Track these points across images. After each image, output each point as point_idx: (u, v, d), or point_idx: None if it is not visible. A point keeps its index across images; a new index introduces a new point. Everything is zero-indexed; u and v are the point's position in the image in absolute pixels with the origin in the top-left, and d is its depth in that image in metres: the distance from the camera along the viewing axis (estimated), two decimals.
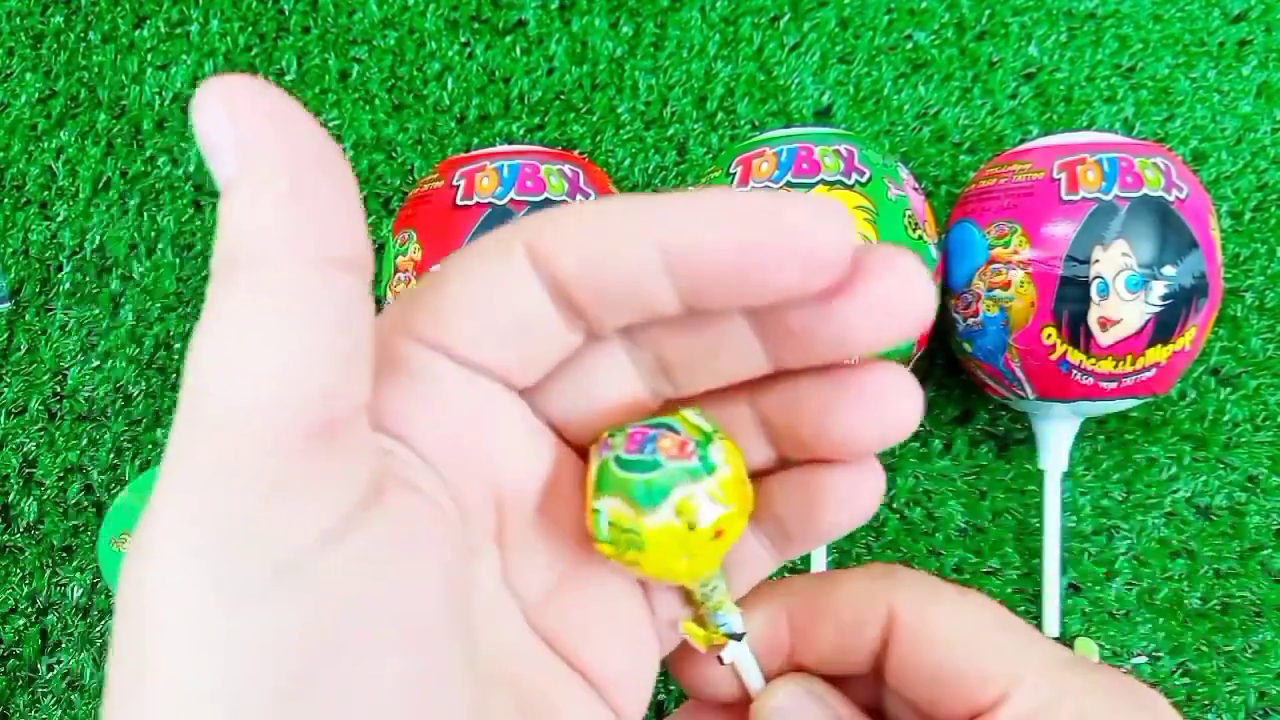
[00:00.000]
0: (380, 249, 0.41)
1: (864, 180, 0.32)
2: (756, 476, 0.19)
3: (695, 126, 0.42)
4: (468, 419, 0.16)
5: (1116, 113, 0.42)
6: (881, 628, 0.19)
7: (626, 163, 0.42)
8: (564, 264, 0.15)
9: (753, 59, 0.43)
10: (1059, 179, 0.32)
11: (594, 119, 0.42)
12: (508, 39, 0.43)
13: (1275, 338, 0.39)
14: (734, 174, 0.33)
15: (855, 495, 0.18)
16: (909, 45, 0.43)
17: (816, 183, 0.31)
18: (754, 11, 0.43)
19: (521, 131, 0.42)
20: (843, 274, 0.15)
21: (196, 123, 0.13)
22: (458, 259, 0.16)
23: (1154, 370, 0.32)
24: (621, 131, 0.42)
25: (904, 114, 0.42)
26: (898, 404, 0.16)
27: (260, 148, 0.13)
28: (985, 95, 0.42)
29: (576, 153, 0.42)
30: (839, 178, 0.32)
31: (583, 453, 0.18)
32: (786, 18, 0.43)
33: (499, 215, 0.31)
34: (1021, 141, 0.37)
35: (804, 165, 0.32)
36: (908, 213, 0.32)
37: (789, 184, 0.31)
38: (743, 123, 0.42)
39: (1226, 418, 0.38)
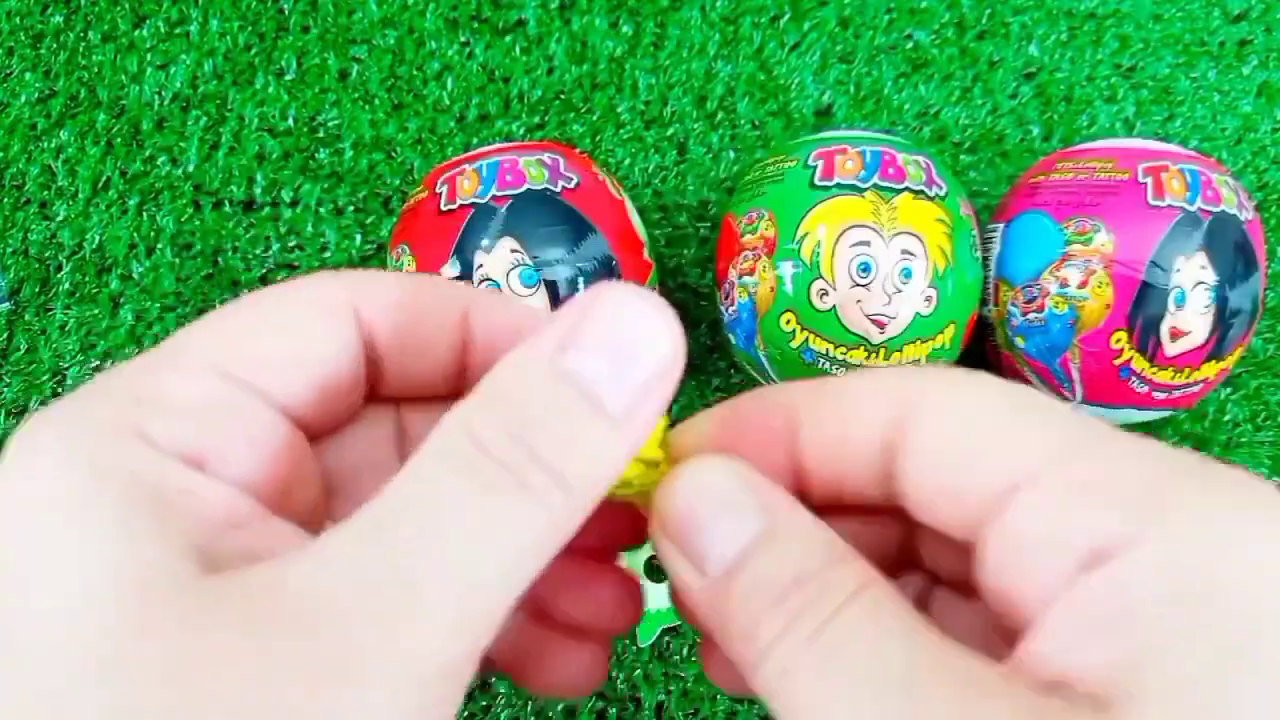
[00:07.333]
0: (380, 249, 0.41)
1: (942, 194, 0.32)
2: None
3: (695, 126, 0.42)
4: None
5: (1117, 112, 0.42)
6: (893, 424, 0.15)
7: (626, 162, 0.42)
8: (382, 323, 0.17)
9: (753, 58, 0.43)
10: (1145, 183, 0.31)
11: (594, 119, 0.42)
12: (508, 39, 0.43)
13: (1275, 338, 0.39)
14: (813, 166, 0.32)
15: None
16: (909, 45, 0.43)
17: (902, 189, 0.31)
18: (754, 11, 0.43)
19: (521, 131, 0.42)
20: None
21: None
22: (278, 303, 0.17)
23: (1199, 385, 0.32)
24: (621, 131, 0.42)
25: (904, 114, 0.42)
26: None
27: None
28: (985, 95, 0.42)
29: (576, 151, 0.42)
30: (921, 187, 0.31)
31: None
32: (786, 17, 0.43)
33: (483, 213, 0.31)
34: (1079, 140, 0.36)
35: (890, 170, 0.31)
36: (972, 233, 0.32)
37: (876, 186, 0.31)
38: (743, 122, 0.42)
39: (1226, 418, 0.38)
